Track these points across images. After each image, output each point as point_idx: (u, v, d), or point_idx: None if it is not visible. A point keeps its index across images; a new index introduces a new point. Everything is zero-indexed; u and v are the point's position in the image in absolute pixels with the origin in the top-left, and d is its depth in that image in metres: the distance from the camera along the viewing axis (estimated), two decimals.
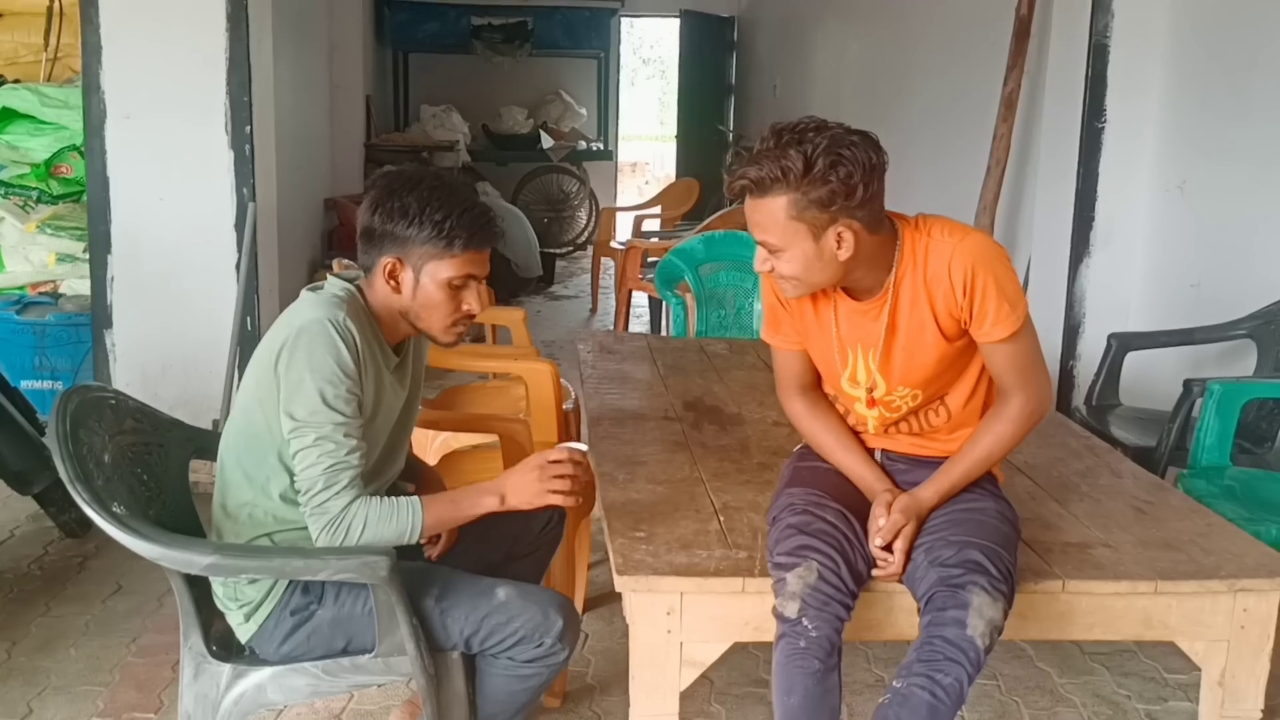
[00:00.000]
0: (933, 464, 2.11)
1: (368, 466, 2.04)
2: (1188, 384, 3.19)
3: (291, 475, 2.00)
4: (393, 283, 2.06)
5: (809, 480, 2.12)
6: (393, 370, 2.14)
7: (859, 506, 2.07)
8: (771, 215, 1.89)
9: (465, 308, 2.09)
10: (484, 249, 2.09)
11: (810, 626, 1.85)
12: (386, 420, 2.13)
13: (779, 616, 1.88)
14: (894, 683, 1.85)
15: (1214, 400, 3.05)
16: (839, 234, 1.89)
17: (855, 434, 2.18)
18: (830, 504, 2.02)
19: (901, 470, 2.16)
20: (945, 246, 1.95)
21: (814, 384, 2.22)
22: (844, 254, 1.91)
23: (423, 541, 2.23)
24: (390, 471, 2.23)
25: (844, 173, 1.84)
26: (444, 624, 2.05)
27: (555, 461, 2.06)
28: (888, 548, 1.97)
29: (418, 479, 2.39)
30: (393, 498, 2.01)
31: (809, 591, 1.85)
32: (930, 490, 2.05)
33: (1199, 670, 2.10)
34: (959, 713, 1.87)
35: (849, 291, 2.04)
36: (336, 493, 1.95)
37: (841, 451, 2.16)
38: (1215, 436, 3.04)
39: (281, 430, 1.98)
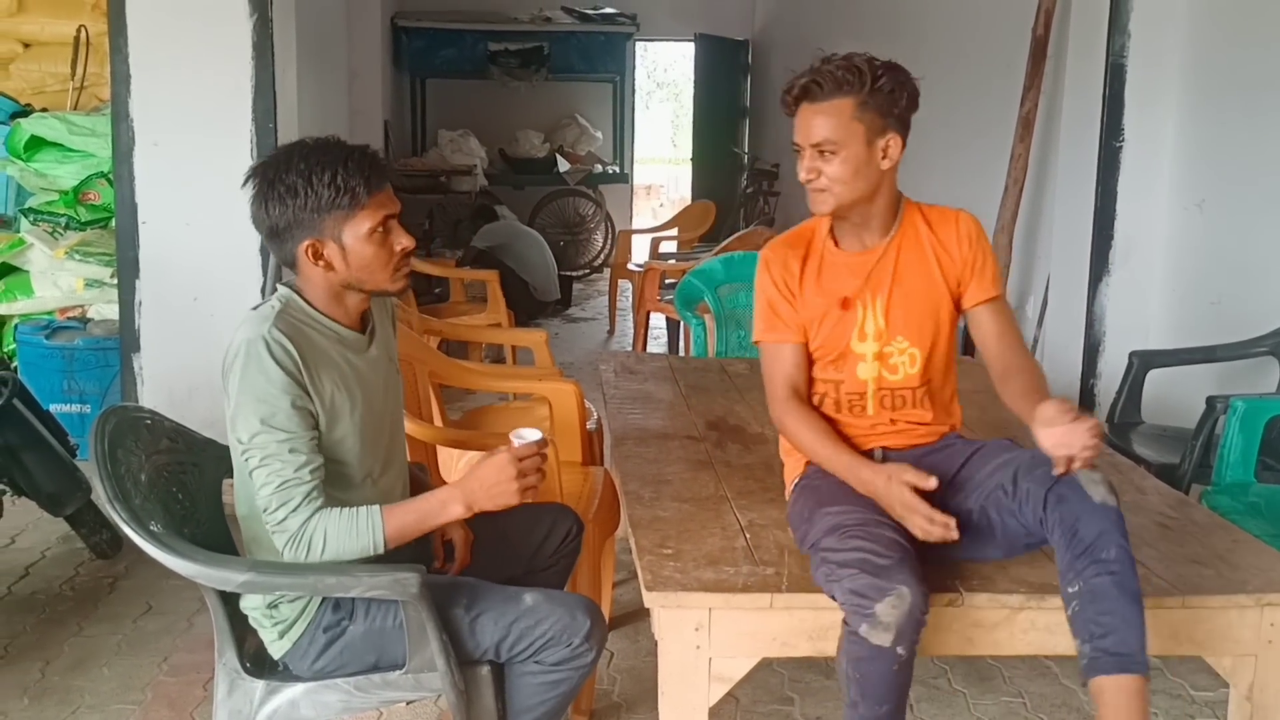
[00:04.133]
0: (931, 449, 2.22)
1: (379, 454, 2.08)
2: (1211, 401, 3.20)
3: None
4: (321, 263, 2.01)
5: (842, 498, 2.10)
6: (364, 351, 2.11)
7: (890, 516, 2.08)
8: (836, 113, 2.08)
9: (399, 248, 2.05)
10: (385, 187, 2.03)
11: (904, 652, 1.85)
12: (374, 403, 2.11)
13: (864, 642, 1.85)
14: (1066, 589, 1.88)
15: (1237, 417, 3.05)
16: (888, 143, 2.11)
17: (839, 436, 2.22)
18: (882, 518, 2.02)
19: (906, 458, 2.17)
20: (949, 212, 2.24)
21: (803, 387, 2.26)
22: (886, 164, 2.12)
23: (438, 566, 2.26)
24: (398, 454, 2.23)
25: (903, 86, 2.10)
26: (473, 632, 2.06)
27: (525, 458, 2.00)
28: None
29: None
30: (352, 509, 1.96)
31: (904, 620, 1.83)
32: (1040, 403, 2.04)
33: (1226, 688, 2.11)
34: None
35: (844, 247, 2.23)
36: (293, 510, 1.93)
37: (841, 450, 2.15)
38: (1239, 453, 3.05)
39: (233, 447, 1.98)
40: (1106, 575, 1.84)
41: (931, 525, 1.96)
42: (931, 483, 1.99)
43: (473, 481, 2.00)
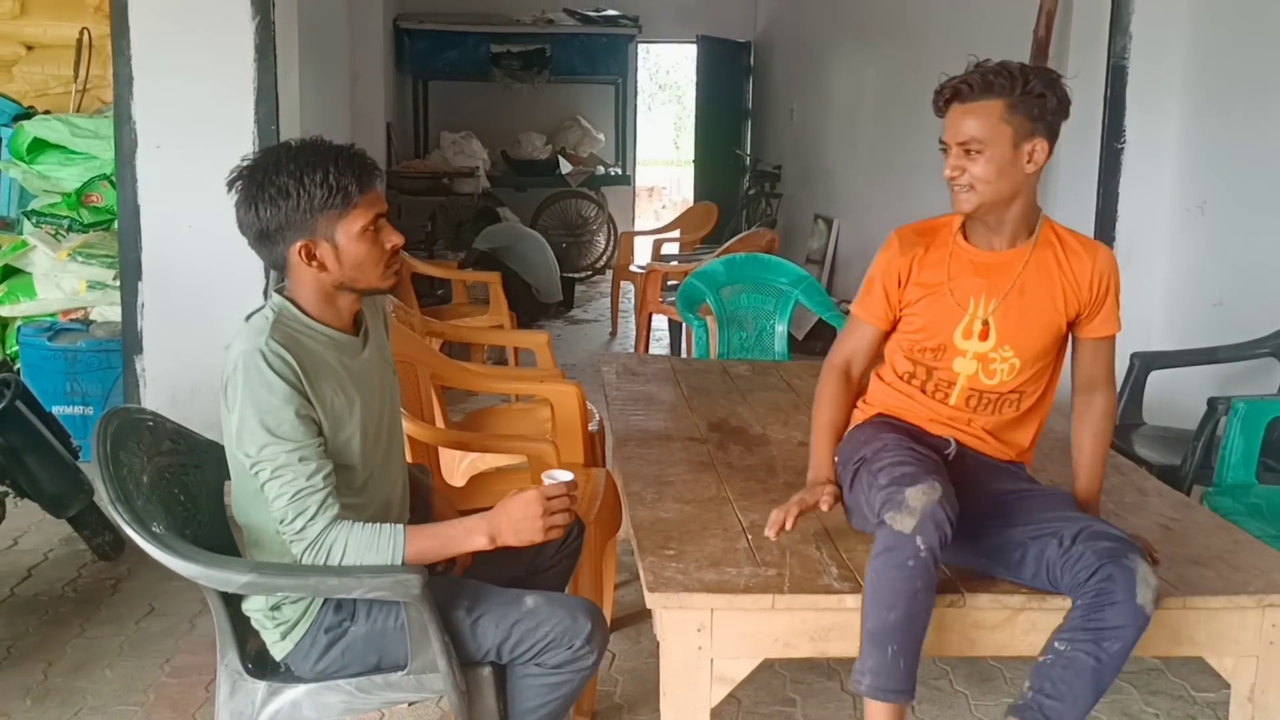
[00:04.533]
0: (997, 463, 2.26)
1: (377, 457, 2.09)
2: (1212, 402, 3.20)
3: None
4: (315, 264, 2.01)
5: (894, 431, 2.22)
6: (359, 353, 2.12)
7: (938, 462, 2.16)
8: (986, 114, 2.11)
9: (389, 245, 2.06)
10: (374, 186, 2.04)
11: (923, 546, 1.90)
12: (372, 404, 2.11)
13: (887, 530, 1.93)
14: (1055, 643, 1.92)
15: (1239, 418, 3.06)
16: (1034, 147, 2.12)
17: (840, 431, 2.33)
18: (925, 454, 2.12)
19: (974, 462, 2.25)
20: (1091, 246, 2.25)
21: (860, 366, 2.36)
22: (1031, 168, 2.13)
23: (439, 567, 2.25)
24: (397, 454, 2.24)
25: (1055, 92, 2.12)
26: (475, 634, 2.07)
27: (554, 498, 2.03)
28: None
29: (426, 501, 2.40)
30: (376, 525, 1.98)
31: (931, 507, 1.92)
32: (1086, 490, 2.25)
33: (1227, 689, 2.11)
34: None
35: (975, 244, 2.24)
36: (310, 518, 1.94)
37: (823, 435, 2.31)
38: (1240, 455, 3.05)
39: (241, 462, 1.98)
40: (1093, 660, 1.89)
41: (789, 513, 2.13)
42: (823, 506, 2.15)
43: (500, 515, 2.03)
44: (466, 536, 2.03)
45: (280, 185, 1.97)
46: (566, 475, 2.09)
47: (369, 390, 2.12)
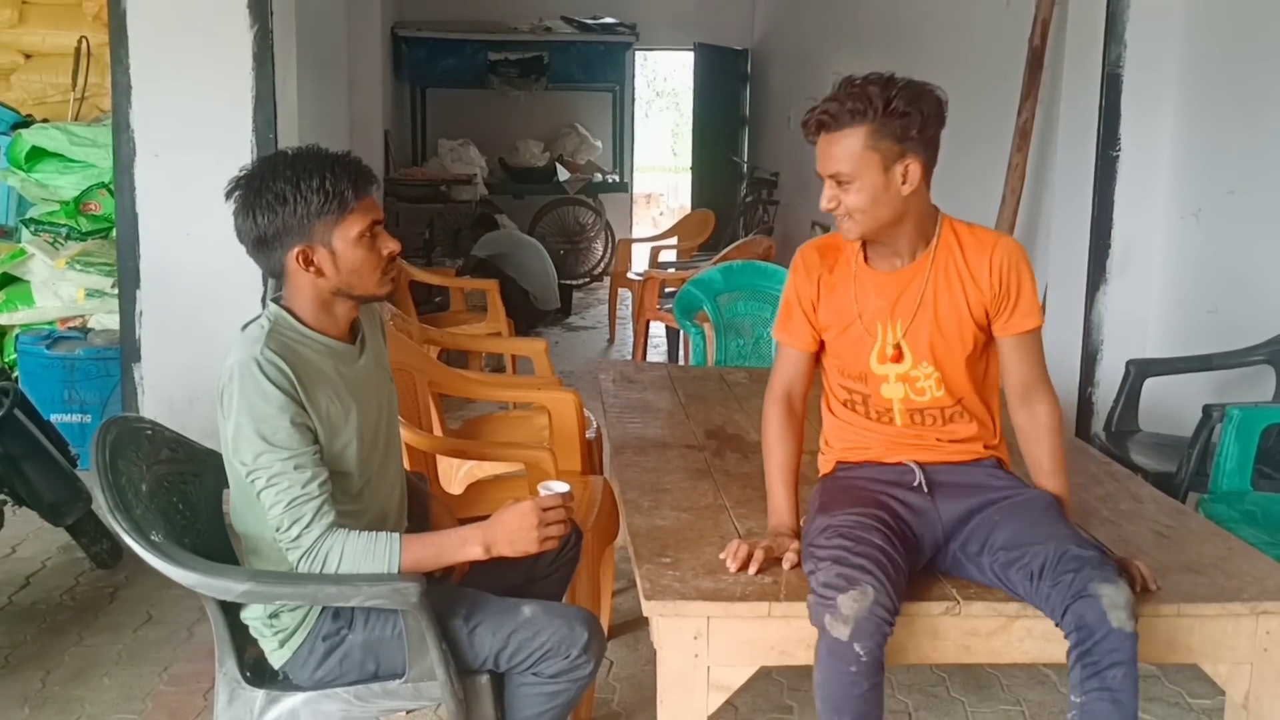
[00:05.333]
0: (966, 467, 2.20)
1: (374, 464, 2.10)
2: (1207, 409, 3.21)
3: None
4: (312, 269, 2.03)
5: (845, 500, 2.14)
6: (355, 362, 2.13)
7: (897, 519, 2.10)
8: (848, 146, 2.06)
9: (386, 252, 2.07)
10: (370, 192, 2.06)
11: (861, 652, 1.87)
12: (368, 412, 2.12)
13: (826, 635, 1.89)
14: (1072, 697, 1.90)
15: (1233, 426, 3.07)
16: (906, 167, 2.07)
17: (795, 471, 2.27)
18: (873, 523, 2.04)
19: (943, 477, 2.19)
20: (987, 238, 2.17)
21: (799, 394, 2.30)
22: (907, 189, 2.08)
23: (437, 574, 2.26)
24: (394, 461, 2.25)
25: (919, 109, 2.05)
26: (472, 642, 2.07)
27: (549, 509, 2.04)
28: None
29: (424, 508, 2.41)
30: (372, 533, 1.99)
31: (864, 616, 1.86)
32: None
33: (1223, 695, 2.12)
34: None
35: (874, 266, 2.19)
36: (305, 526, 1.95)
37: (778, 479, 2.25)
38: (1235, 462, 3.06)
39: (237, 470, 2.00)
40: (1109, 698, 1.86)
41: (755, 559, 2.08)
42: (785, 565, 2.09)
43: (495, 526, 2.04)
44: (462, 546, 2.04)
45: (277, 191, 1.99)
46: (563, 486, 2.10)
47: (365, 398, 2.13)
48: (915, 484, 2.18)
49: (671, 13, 11.04)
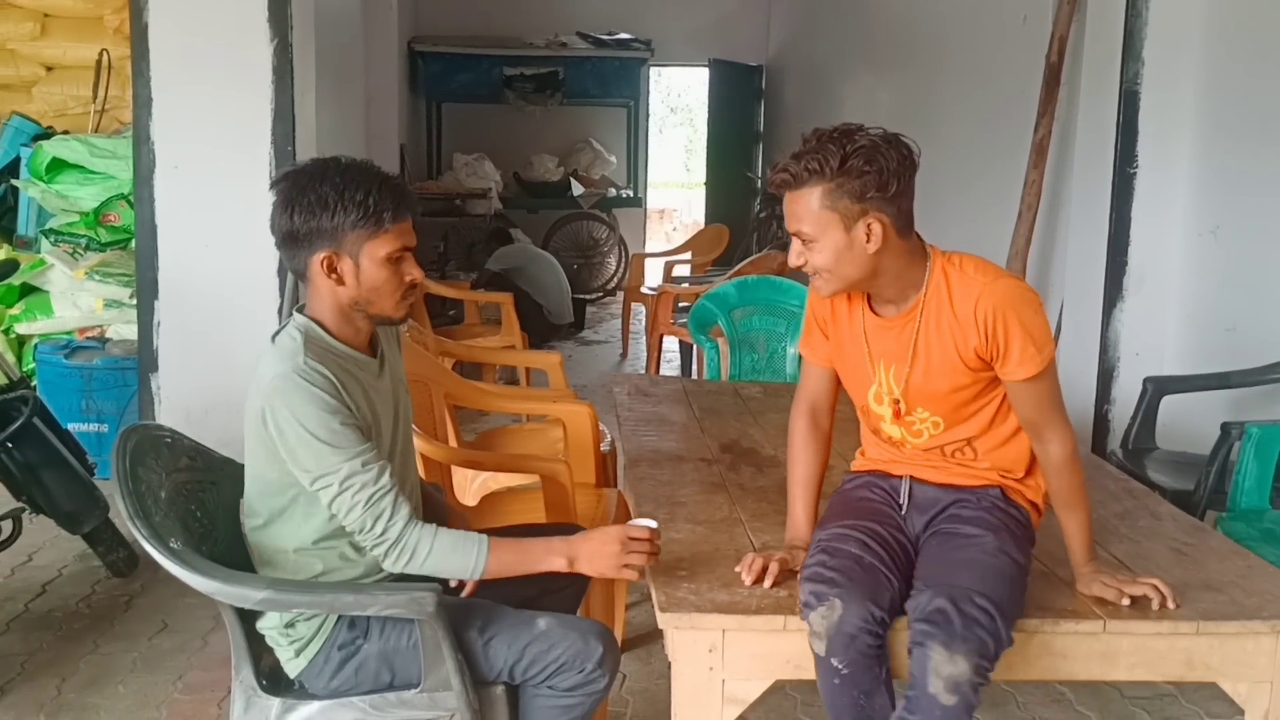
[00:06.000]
0: (953, 491, 2.17)
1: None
2: (1225, 427, 3.19)
3: (323, 519, 2.06)
4: (334, 276, 2.04)
5: (840, 514, 2.17)
6: (377, 376, 2.15)
7: (889, 530, 2.11)
8: (807, 205, 2.00)
9: (408, 279, 2.09)
10: (409, 218, 2.08)
11: (840, 665, 1.90)
12: (387, 427, 2.15)
13: (813, 652, 1.94)
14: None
15: (1252, 444, 3.05)
16: (869, 225, 1.99)
17: (816, 485, 2.26)
18: (855, 535, 2.05)
19: (930, 497, 2.17)
20: (975, 285, 2.04)
21: (824, 409, 2.30)
22: (872, 247, 2.00)
23: (453, 585, 2.26)
24: (410, 475, 2.26)
25: (877, 166, 1.96)
26: (487, 655, 2.08)
27: (637, 539, 2.05)
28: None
29: (442, 519, 2.40)
30: (463, 532, 2.04)
31: (834, 630, 1.90)
32: (1081, 559, 2.12)
33: (1240, 715, 2.10)
34: None
35: (875, 308, 2.14)
36: (389, 520, 1.98)
37: (798, 492, 2.25)
38: (1254, 480, 3.04)
39: (301, 480, 2.01)
40: None
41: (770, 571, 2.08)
42: (798, 564, 2.07)
43: (582, 542, 2.07)
44: (546, 555, 2.08)
45: (321, 194, 2.01)
46: (651, 523, 2.10)
47: (386, 411, 2.15)
48: (900, 498, 2.20)
49: (687, 29, 11.08)
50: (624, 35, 10.88)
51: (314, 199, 2.01)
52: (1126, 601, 2.03)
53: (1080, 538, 2.12)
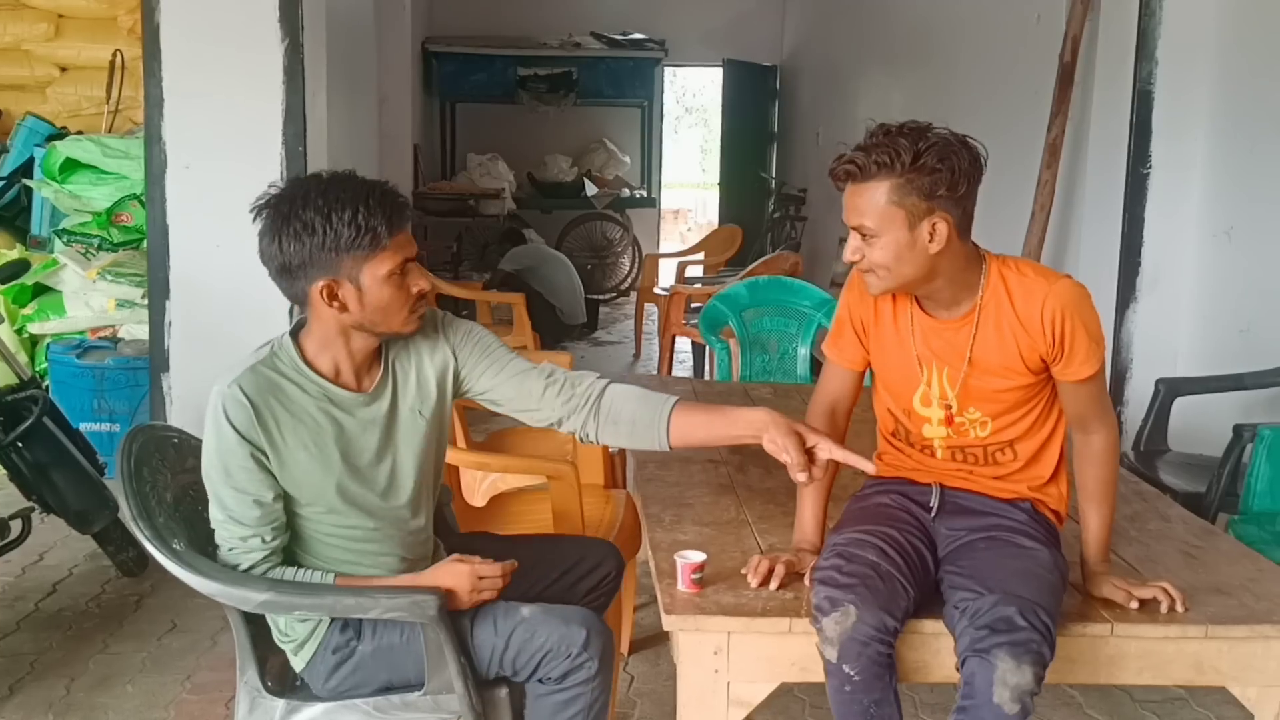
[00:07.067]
0: (984, 500, 2.13)
1: (365, 510, 2.07)
2: (1238, 429, 3.17)
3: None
4: (336, 304, 1.95)
5: (857, 519, 2.13)
6: (360, 409, 2.04)
7: (907, 536, 2.07)
8: (872, 199, 1.95)
9: (416, 290, 1.99)
10: (405, 228, 1.96)
11: (851, 672, 1.87)
12: (360, 461, 2.05)
13: (823, 657, 1.91)
14: None
15: (1265, 446, 3.02)
16: (933, 225, 1.94)
17: (828, 486, 2.22)
18: (873, 540, 2.02)
19: (962, 504, 2.15)
20: (1038, 287, 2.01)
21: (843, 411, 2.26)
22: (935, 247, 1.95)
23: None
24: (423, 505, 2.17)
25: (949, 165, 1.92)
26: (475, 645, 2.07)
27: (487, 575, 2.06)
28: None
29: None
30: (306, 577, 2.02)
31: (847, 637, 1.87)
32: (1096, 558, 2.09)
33: (1251, 719, 2.08)
34: None
35: (926, 309, 2.09)
36: (239, 565, 2.01)
37: (809, 494, 2.21)
38: (1266, 482, 3.02)
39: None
40: None
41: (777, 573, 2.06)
42: (807, 582, 2.03)
43: (428, 577, 2.08)
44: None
45: (306, 221, 1.90)
46: (699, 555, 2.06)
47: (359, 449, 2.05)
48: (930, 504, 2.16)
49: (701, 29, 11.07)
50: (638, 35, 10.88)
51: (299, 226, 1.90)
52: (1135, 605, 2.01)
53: (1099, 534, 2.09)
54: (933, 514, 2.15)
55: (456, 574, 2.05)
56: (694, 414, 2.15)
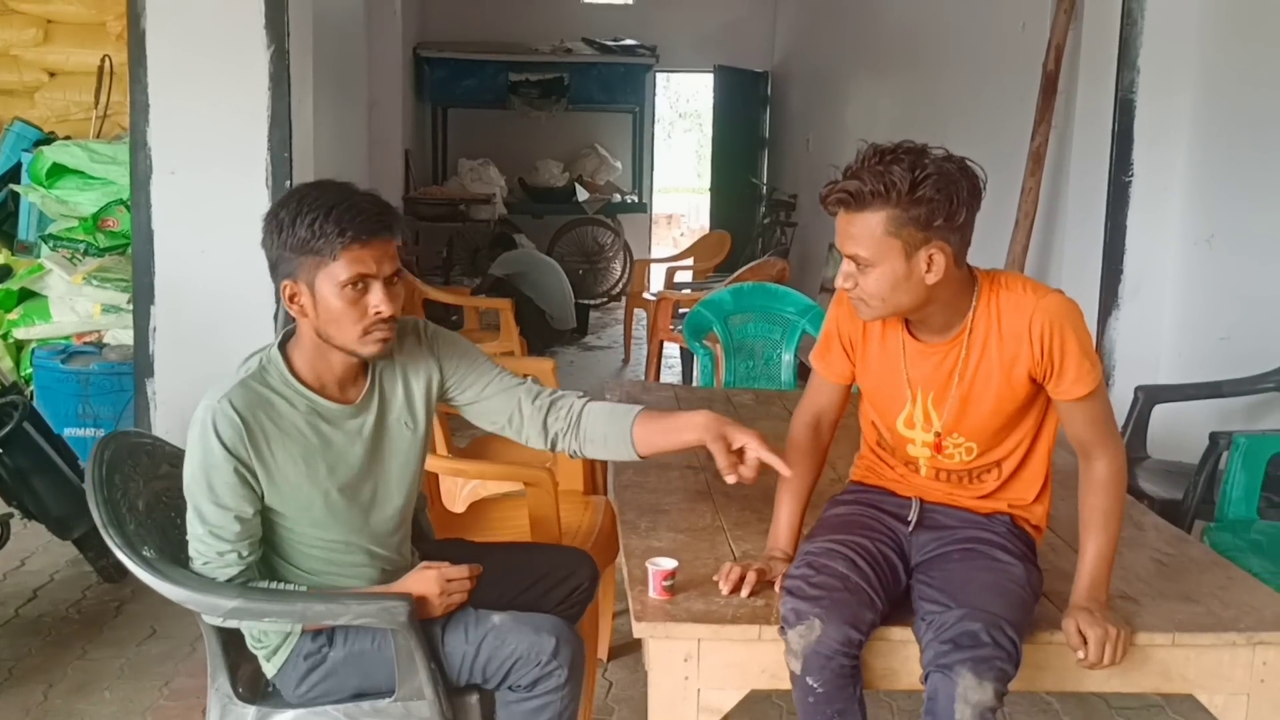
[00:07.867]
0: (963, 514, 2.12)
1: (353, 525, 2.08)
2: (1214, 437, 3.18)
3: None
4: (296, 307, 1.95)
5: (831, 527, 2.13)
6: (347, 422, 2.05)
7: (879, 546, 2.07)
8: (868, 229, 1.88)
9: (374, 310, 1.93)
10: (369, 242, 1.90)
11: (815, 684, 1.88)
12: (349, 475, 2.06)
13: (789, 668, 1.92)
14: None
15: (1240, 453, 3.04)
16: (930, 255, 1.89)
17: (805, 496, 2.21)
18: (843, 551, 2.02)
19: (940, 518, 2.14)
20: (1026, 303, 1.95)
21: (828, 423, 2.25)
22: (932, 278, 1.90)
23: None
24: (402, 524, 2.19)
25: (947, 194, 1.86)
26: (445, 652, 2.08)
27: (455, 579, 2.08)
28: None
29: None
30: (280, 589, 2.02)
31: (811, 650, 1.88)
32: (1085, 586, 1.99)
33: None
34: None
35: (914, 333, 2.05)
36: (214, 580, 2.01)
37: (785, 501, 2.20)
38: (1242, 490, 3.03)
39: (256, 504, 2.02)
40: None
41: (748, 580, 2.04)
42: (777, 588, 2.01)
43: (399, 586, 2.10)
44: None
45: (280, 219, 1.93)
46: (671, 563, 2.06)
47: (347, 463, 2.06)
48: (909, 518, 2.15)
49: (692, 35, 11.09)
50: (629, 41, 10.90)
51: (275, 224, 1.94)
52: (1080, 655, 1.91)
53: (1090, 566, 1.99)
54: (910, 528, 2.14)
55: (424, 580, 2.07)
56: (652, 423, 2.20)
